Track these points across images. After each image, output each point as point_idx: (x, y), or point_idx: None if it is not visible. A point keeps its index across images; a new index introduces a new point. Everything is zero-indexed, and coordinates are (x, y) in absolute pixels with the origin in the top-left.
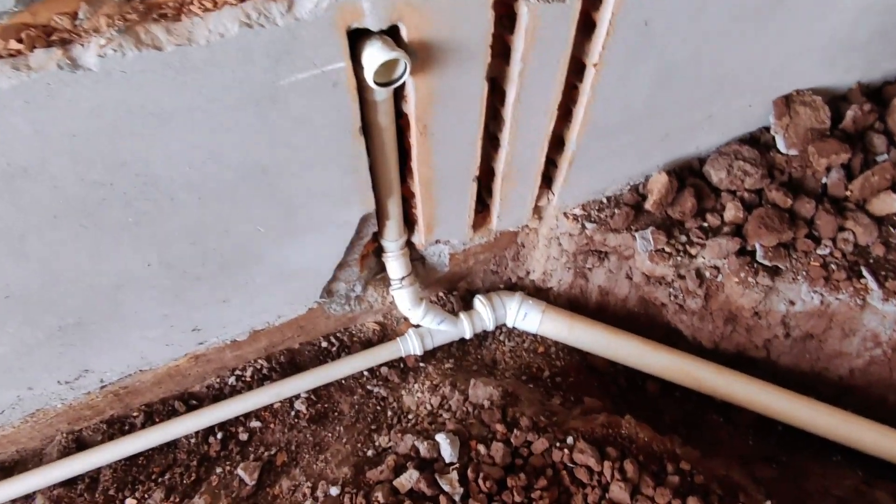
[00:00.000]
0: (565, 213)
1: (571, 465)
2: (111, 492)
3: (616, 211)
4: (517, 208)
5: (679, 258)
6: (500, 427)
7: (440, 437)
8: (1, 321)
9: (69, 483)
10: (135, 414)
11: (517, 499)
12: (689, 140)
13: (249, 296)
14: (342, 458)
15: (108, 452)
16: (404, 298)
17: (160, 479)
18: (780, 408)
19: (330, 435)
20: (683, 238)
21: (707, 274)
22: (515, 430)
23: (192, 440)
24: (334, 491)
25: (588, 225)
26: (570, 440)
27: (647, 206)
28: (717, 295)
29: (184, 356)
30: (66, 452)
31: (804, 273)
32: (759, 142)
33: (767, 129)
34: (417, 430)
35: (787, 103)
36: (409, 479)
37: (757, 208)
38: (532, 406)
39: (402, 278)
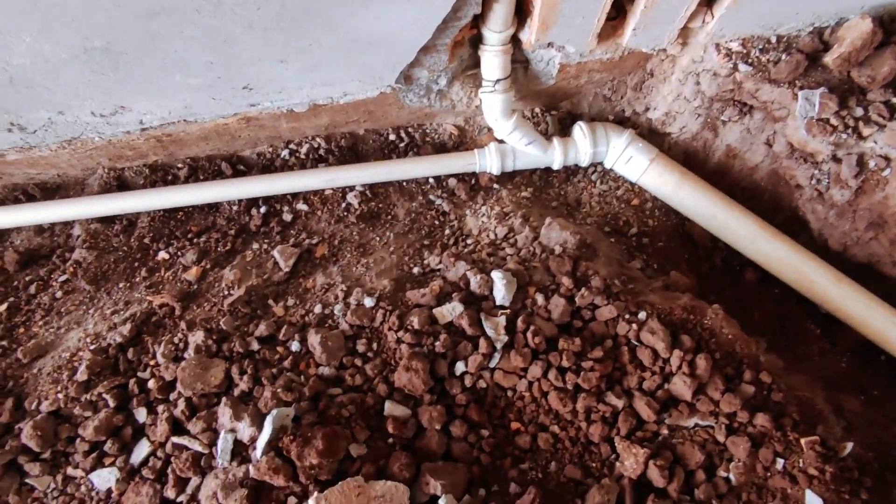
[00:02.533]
0: (718, 45)
1: (636, 344)
2: (146, 240)
3: (784, 57)
4: (661, 24)
5: (844, 136)
6: (566, 280)
7: (496, 275)
8: (12, 25)
9: (107, 221)
10: (179, 166)
11: (565, 363)
12: None
13: (312, 61)
14: (385, 269)
15: (148, 198)
16: (494, 105)
17: (195, 240)
18: None
19: (378, 239)
20: (859, 111)
21: (872, 163)
22: (583, 289)
23: (234, 207)
24: (368, 302)
25: (742, 67)
26: (642, 315)
27: (827, 59)
28: (874, 192)
29: (233, 115)
30: (106, 188)
31: None
32: None
33: None
34: (473, 260)
35: None
36: (451, 310)
37: None
38: (609, 266)
39: (498, 81)
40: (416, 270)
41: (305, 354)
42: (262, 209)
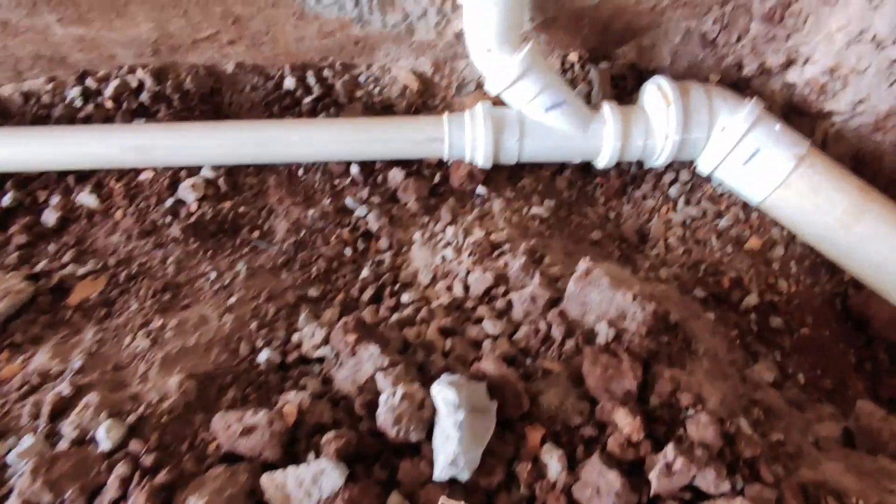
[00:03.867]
0: None
1: None
2: None
3: None
4: None
5: None
6: (625, 418)
7: (443, 392)
8: None
9: None
10: None
11: None
12: None
13: None
14: (196, 345)
15: None
16: (485, 17)
17: None
18: None
19: (215, 275)
20: None
21: None
22: (671, 447)
23: None
24: (105, 437)
25: None
26: None
27: None
28: None
29: None
30: None
31: None
32: None
33: None
34: (405, 341)
35: None
36: (310, 483)
37: None
38: (721, 379)
39: None
40: (264, 356)
41: None
42: (7, 198)
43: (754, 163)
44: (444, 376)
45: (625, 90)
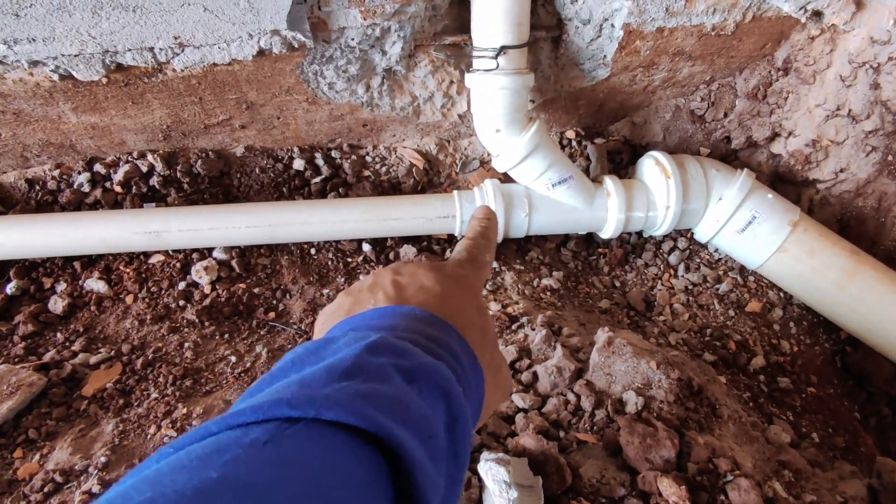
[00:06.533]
0: None
1: None
2: None
3: None
4: None
5: None
6: (671, 487)
7: (492, 469)
8: None
9: None
10: None
11: None
12: None
13: None
14: None
15: None
16: (495, 100)
17: None
18: None
19: (234, 359)
20: None
21: None
22: None
23: None
24: None
25: None
26: None
27: None
28: None
29: None
30: None
31: None
32: None
33: None
34: None
35: None
36: None
37: None
38: (747, 443)
39: (503, 49)
40: None
41: None
42: (11, 286)
43: (751, 230)
44: (486, 453)
45: (620, 164)
